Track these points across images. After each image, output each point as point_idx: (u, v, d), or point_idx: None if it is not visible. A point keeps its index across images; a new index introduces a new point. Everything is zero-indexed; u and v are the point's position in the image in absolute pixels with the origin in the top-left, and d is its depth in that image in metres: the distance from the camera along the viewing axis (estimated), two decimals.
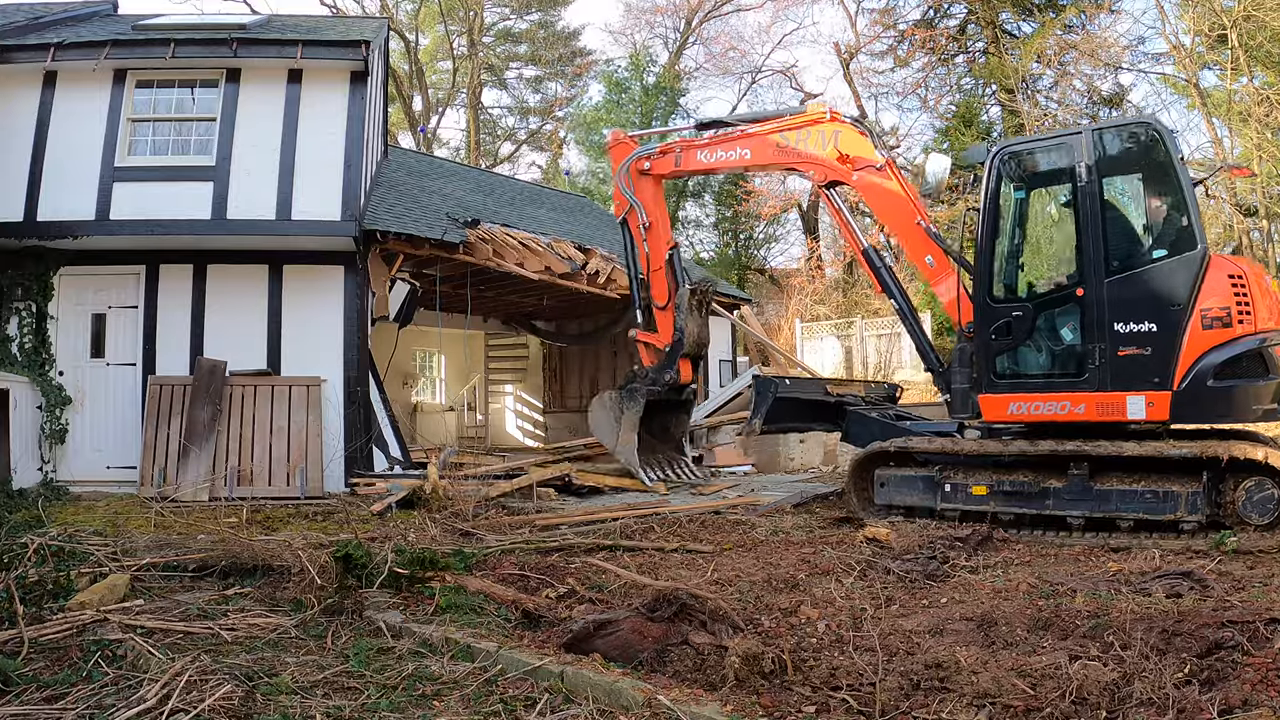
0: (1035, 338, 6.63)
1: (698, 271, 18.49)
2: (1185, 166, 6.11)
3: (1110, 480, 5.98)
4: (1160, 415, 5.96)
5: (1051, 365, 6.58)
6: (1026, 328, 6.59)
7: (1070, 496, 6.05)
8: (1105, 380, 6.17)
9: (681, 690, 3.12)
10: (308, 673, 3.38)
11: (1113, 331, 6.14)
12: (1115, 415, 6.14)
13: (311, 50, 9.63)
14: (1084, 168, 6.30)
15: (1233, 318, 5.77)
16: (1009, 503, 6.33)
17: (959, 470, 6.72)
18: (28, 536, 5.14)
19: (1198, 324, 5.86)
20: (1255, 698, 2.79)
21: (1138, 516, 5.79)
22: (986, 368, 6.75)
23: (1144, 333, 6.04)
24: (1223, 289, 5.82)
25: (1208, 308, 5.84)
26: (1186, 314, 5.90)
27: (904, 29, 29.78)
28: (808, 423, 8.82)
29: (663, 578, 4.90)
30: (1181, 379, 5.88)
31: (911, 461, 7.04)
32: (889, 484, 7.03)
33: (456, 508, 7.90)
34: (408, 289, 11.63)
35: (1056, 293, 6.57)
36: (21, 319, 9.52)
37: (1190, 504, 5.59)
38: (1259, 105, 19.06)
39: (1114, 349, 6.13)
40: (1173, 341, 5.92)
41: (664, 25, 35.29)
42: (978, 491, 6.47)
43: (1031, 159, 6.87)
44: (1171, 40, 22.46)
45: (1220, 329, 5.80)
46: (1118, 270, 6.20)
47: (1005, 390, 6.65)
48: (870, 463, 7.21)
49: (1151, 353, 6.00)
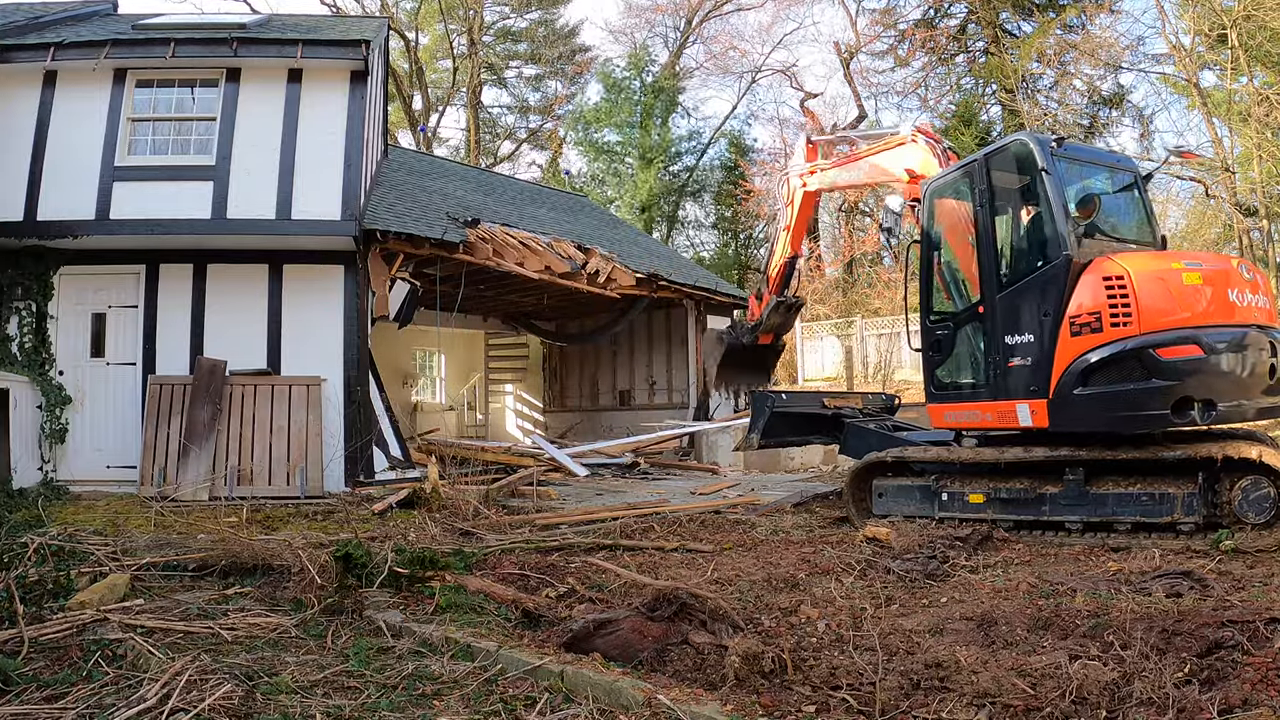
0: (955, 353, 6.99)
1: (698, 272, 18.55)
2: (1054, 176, 6.20)
3: (1106, 484, 5.96)
4: (1041, 423, 6.11)
5: (967, 378, 6.91)
6: (950, 344, 7.02)
7: (1067, 502, 6.04)
8: (1001, 389, 6.45)
9: (681, 690, 3.12)
10: (308, 672, 3.38)
11: (1003, 344, 6.42)
12: (1011, 423, 6.38)
13: (311, 50, 9.63)
14: (978, 191, 6.68)
15: (1104, 322, 5.73)
16: (1006, 509, 6.35)
17: (955, 479, 6.75)
18: (28, 536, 5.15)
19: (1067, 331, 5.92)
20: (1255, 697, 2.79)
21: (1135, 520, 5.77)
22: (929, 380, 7.24)
23: (1025, 343, 6.27)
24: (1093, 293, 5.80)
25: (1076, 314, 5.89)
26: (1057, 322, 5.98)
27: (904, 28, 29.81)
28: (806, 436, 9.07)
29: (663, 577, 4.90)
30: (1055, 387, 5.98)
31: (909, 471, 7.07)
32: (887, 494, 7.07)
33: (457, 507, 7.90)
34: (408, 288, 11.62)
35: (967, 310, 6.93)
36: (21, 318, 9.52)
37: (1187, 505, 5.56)
38: (1259, 105, 19.06)
39: (1005, 360, 6.40)
40: (1047, 350, 6.04)
41: (664, 24, 35.32)
42: (975, 500, 6.51)
43: (950, 188, 7.23)
44: (1171, 40, 22.46)
45: (1089, 334, 5.80)
46: (1007, 284, 6.48)
47: (940, 400, 7.08)
48: (868, 473, 7.24)
49: (1031, 362, 6.19)
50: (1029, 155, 6.37)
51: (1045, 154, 6.28)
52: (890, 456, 7.01)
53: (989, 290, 6.57)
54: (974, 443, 6.90)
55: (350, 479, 9.56)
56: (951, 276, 7.25)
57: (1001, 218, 6.72)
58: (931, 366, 7.17)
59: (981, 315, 6.66)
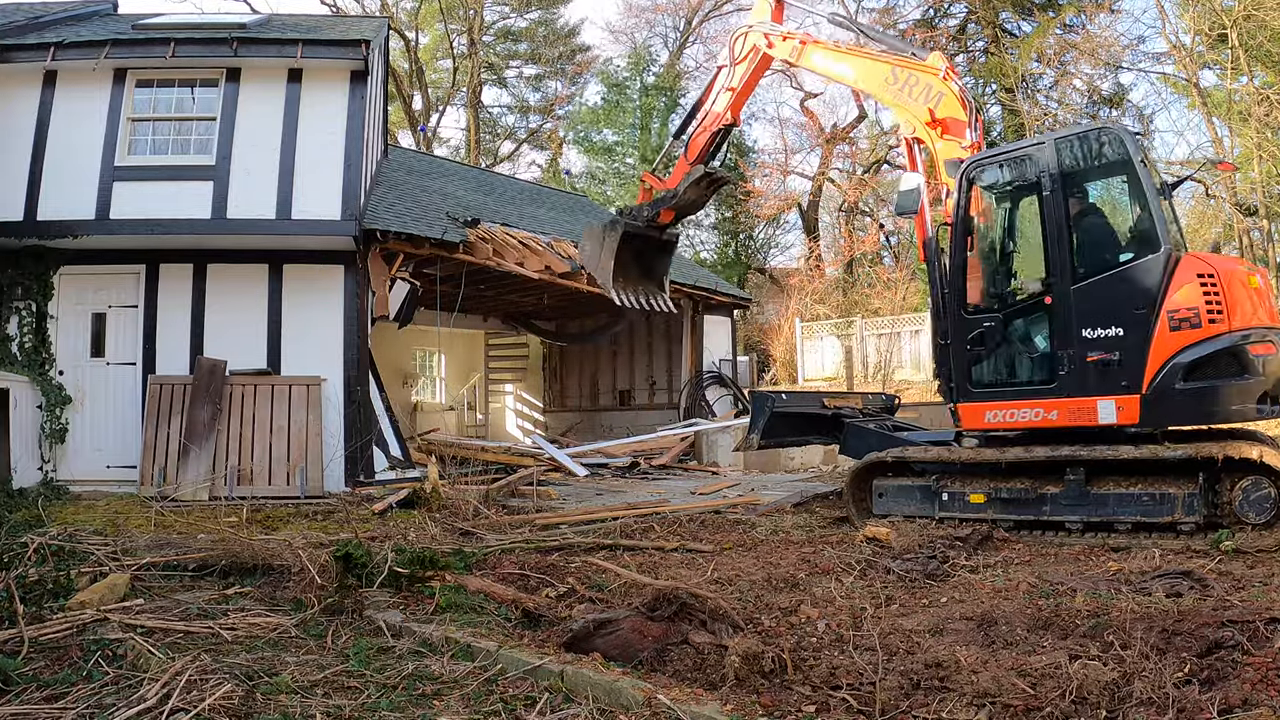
0: (1006, 347, 6.67)
1: (698, 272, 18.55)
2: (1148, 169, 6.10)
3: (1107, 484, 5.96)
4: (1130, 419, 5.96)
5: (1025, 374, 6.60)
6: (997, 337, 6.66)
7: (1068, 502, 6.03)
8: (1077, 385, 6.18)
9: (681, 689, 3.12)
10: (308, 672, 3.38)
11: (1081, 337, 6.15)
12: (1086, 420, 6.15)
13: (311, 49, 9.63)
14: (1048, 177, 6.34)
15: (1202, 317, 5.71)
16: (1007, 509, 6.32)
17: (956, 479, 6.70)
18: (28, 536, 5.14)
19: (1165, 326, 5.83)
20: (1255, 697, 2.79)
21: (1135, 519, 5.78)
22: (964, 377, 6.81)
23: (1112, 337, 6.03)
24: (1191, 289, 5.76)
25: (1174, 309, 5.80)
26: (1153, 316, 5.86)
27: (904, 28, 29.78)
28: (806, 436, 8.87)
29: (663, 577, 4.90)
30: (1150, 382, 5.86)
31: (909, 471, 7.02)
32: (887, 494, 7.02)
33: (457, 507, 7.90)
34: (408, 288, 11.62)
35: (1027, 301, 6.61)
36: (21, 318, 9.52)
37: (1187, 505, 5.58)
38: (1259, 105, 19.05)
39: (1083, 354, 6.14)
40: (1140, 345, 5.90)
41: (664, 24, 35.32)
42: (975, 500, 6.48)
43: (998, 171, 6.89)
44: (1171, 40, 22.46)
45: (1189, 330, 5.75)
46: (1084, 276, 6.22)
47: (980, 399, 6.73)
48: (868, 473, 7.19)
49: (1119, 356, 5.99)
50: (1121, 146, 6.19)
51: (1137, 146, 6.17)
52: (891, 456, 6.96)
53: (1061, 281, 6.27)
54: (975, 443, 6.84)
55: (350, 479, 9.56)
56: (997, 266, 6.92)
57: (1078, 206, 6.45)
58: (969, 361, 6.76)
59: (1049, 306, 6.35)
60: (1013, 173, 6.79)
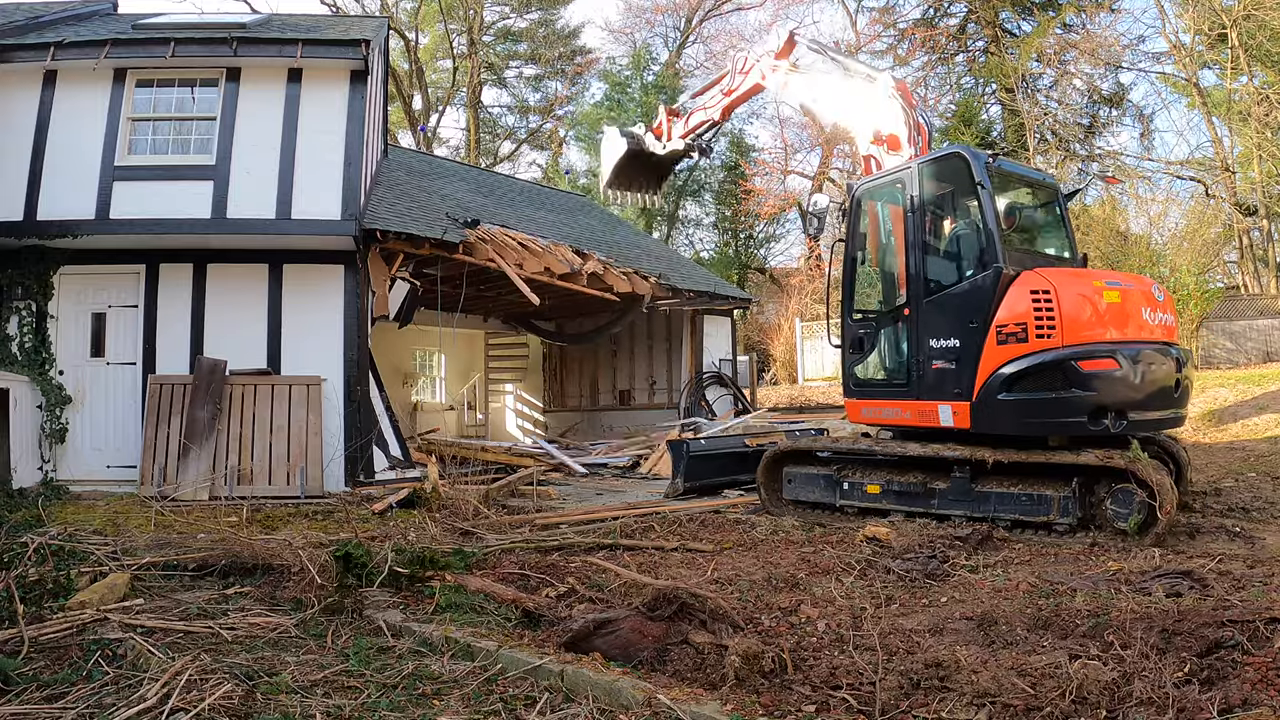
0: (876, 352, 7.27)
1: (698, 273, 18.55)
2: (988, 190, 6.40)
3: (990, 483, 6.28)
4: (963, 424, 6.39)
5: (887, 376, 7.19)
6: (871, 342, 7.31)
7: (953, 497, 6.43)
8: (923, 390, 6.71)
9: (681, 689, 3.12)
10: (308, 672, 3.38)
11: (928, 346, 6.67)
12: (931, 422, 6.65)
13: (311, 49, 9.63)
14: (910, 198, 6.89)
15: (1029, 332, 6.00)
16: (899, 501, 6.77)
17: (856, 469, 7.19)
18: (28, 536, 5.14)
19: (994, 339, 6.19)
20: (1255, 697, 2.79)
21: (1014, 517, 6.10)
22: (848, 376, 7.54)
23: (951, 347, 6.52)
24: (1021, 305, 6.07)
25: (1003, 324, 6.15)
26: (984, 330, 6.24)
27: (904, 28, 29.81)
28: (735, 475, 9.36)
29: (663, 577, 4.90)
30: (978, 391, 6.25)
31: (816, 460, 7.52)
32: (795, 480, 7.56)
33: (457, 506, 7.90)
34: (408, 288, 11.62)
35: (891, 311, 7.16)
36: (21, 318, 9.52)
37: (1063, 507, 5.89)
38: (1259, 104, 19.07)
39: (929, 362, 6.66)
40: (973, 356, 6.30)
41: (664, 24, 35.33)
42: (872, 490, 6.97)
43: (881, 192, 7.40)
44: (1171, 39, 22.48)
45: (1015, 344, 6.07)
46: (933, 291, 6.73)
47: (858, 397, 7.44)
48: (779, 462, 7.73)
49: (955, 365, 6.44)
50: (965, 168, 6.56)
51: (981, 168, 6.49)
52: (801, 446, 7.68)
53: (915, 294, 6.80)
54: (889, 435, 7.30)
55: (350, 479, 9.56)
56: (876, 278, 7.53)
57: (932, 225, 6.95)
58: (850, 364, 7.49)
59: (907, 317, 6.89)
60: (890, 193, 7.31)
